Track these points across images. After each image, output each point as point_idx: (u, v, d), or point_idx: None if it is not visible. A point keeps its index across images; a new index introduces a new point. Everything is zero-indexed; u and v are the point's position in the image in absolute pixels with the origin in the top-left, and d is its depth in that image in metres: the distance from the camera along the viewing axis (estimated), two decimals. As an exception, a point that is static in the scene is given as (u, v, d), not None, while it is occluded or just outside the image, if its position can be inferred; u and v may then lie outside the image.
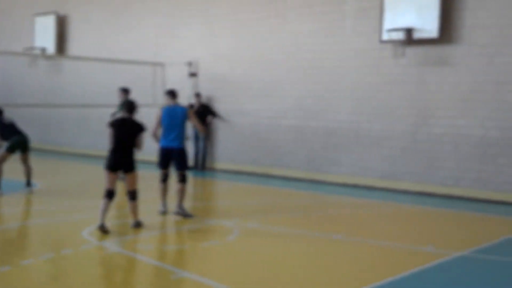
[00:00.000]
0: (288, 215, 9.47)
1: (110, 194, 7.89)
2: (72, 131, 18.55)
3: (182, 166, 9.04)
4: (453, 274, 6.42)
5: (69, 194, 10.93)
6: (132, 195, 8.11)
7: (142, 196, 8.75)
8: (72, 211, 9.32)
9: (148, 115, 14.68)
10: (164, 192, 9.19)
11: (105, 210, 7.83)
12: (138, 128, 8.12)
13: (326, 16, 13.16)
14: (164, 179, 9.15)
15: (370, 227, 8.98)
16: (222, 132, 15.20)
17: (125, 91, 12.22)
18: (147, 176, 11.49)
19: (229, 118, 14.96)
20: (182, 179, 9.03)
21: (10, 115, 11.52)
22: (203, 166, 15.15)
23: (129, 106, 8.26)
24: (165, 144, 9.03)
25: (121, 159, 7.97)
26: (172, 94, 9.26)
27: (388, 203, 10.86)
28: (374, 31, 12.34)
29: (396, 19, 11.83)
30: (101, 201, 7.88)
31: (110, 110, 12.66)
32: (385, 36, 11.96)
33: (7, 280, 5.80)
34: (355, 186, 12.69)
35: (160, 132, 9.14)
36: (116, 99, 12.55)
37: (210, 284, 5.76)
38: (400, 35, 11.69)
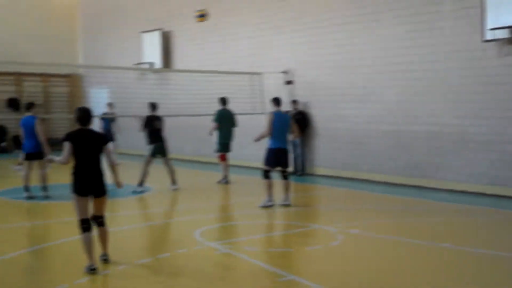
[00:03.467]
0: (391, 221, 9.32)
1: (89, 226, 6.50)
2: (179, 139, 19.22)
3: (288, 164, 10.44)
4: None
5: (180, 197, 11.90)
6: (101, 221, 6.69)
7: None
8: (184, 213, 10.40)
9: (249, 123, 15.19)
10: (271, 186, 10.28)
11: (91, 247, 6.44)
12: (102, 140, 6.71)
13: (420, 18, 12.85)
14: (269, 175, 10.30)
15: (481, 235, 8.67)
16: (320, 138, 15.25)
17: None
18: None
19: (326, 124, 15.02)
20: (287, 175, 10.44)
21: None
22: (302, 170, 15.40)
23: (87, 115, 6.67)
24: (278, 145, 10.28)
25: (91, 181, 6.50)
26: (276, 101, 10.57)
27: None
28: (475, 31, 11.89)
29: (499, 17, 11.32)
30: (80, 236, 6.51)
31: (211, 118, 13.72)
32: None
33: (124, 277, 6.35)
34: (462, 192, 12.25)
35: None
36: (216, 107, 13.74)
37: (317, 288, 5.87)
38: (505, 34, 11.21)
